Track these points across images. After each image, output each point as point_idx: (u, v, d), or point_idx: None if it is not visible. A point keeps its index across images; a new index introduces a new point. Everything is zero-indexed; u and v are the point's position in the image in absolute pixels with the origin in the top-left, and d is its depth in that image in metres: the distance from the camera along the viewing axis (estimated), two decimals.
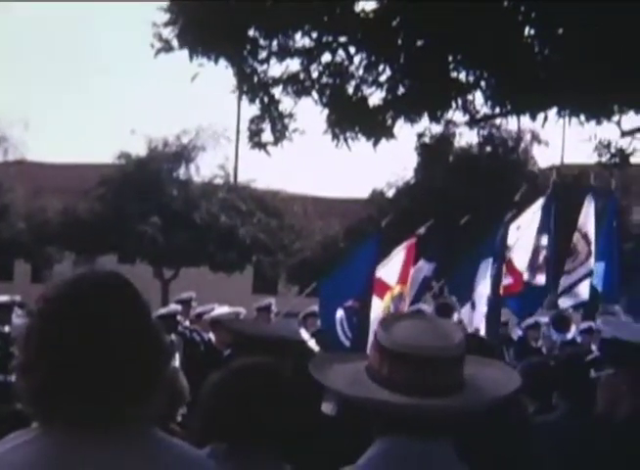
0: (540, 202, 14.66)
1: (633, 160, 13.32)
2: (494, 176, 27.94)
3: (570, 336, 13.44)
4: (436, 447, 2.49)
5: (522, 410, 4.22)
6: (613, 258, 15.05)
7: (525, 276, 13.95)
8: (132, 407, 2.17)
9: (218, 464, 2.94)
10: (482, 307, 12.54)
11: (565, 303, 14.28)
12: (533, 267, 14.19)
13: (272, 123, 11.51)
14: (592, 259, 14.65)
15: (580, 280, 14.57)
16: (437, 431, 2.50)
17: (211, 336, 12.47)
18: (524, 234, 14.01)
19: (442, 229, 14.75)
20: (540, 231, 14.34)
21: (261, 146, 11.85)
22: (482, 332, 11.99)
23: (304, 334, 11.58)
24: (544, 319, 13.97)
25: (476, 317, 12.42)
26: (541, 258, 14.32)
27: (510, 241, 13.34)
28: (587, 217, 15.30)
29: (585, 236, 15.05)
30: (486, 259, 12.79)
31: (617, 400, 3.93)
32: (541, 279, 14.20)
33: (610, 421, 4.06)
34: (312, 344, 10.89)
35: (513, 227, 13.71)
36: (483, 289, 12.80)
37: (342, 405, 4.98)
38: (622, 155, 12.72)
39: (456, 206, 25.70)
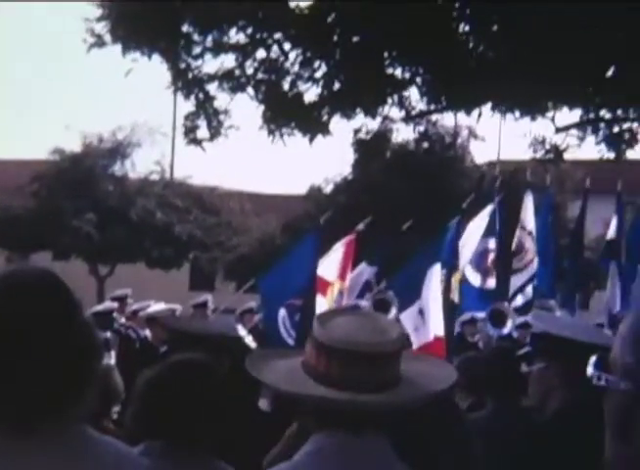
0: (489, 208, 14.77)
1: (567, 156, 13.45)
2: (432, 172, 28.09)
3: (506, 331, 13.51)
4: (372, 443, 2.50)
5: (455, 408, 4.23)
6: (548, 253, 15.20)
7: (478, 281, 14.08)
8: (57, 407, 2.13)
9: (153, 462, 2.92)
10: (437, 315, 12.65)
11: (519, 301, 14.39)
12: (483, 271, 14.31)
13: (207, 120, 11.47)
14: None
15: (532, 279, 14.73)
16: (374, 426, 2.50)
17: (147, 333, 12.37)
18: (470, 240, 14.12)
19: (383, 230, 14.77)
20: (487, 234, 14.44)
21: (197, 142, 11.80)
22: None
23: (241, 330, 11.57)
24: (481, 315, 14.04)
25: (432, 326, 12.44)
26: (489, 261, 14.44)
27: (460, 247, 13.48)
28: (528, 214, 15.43)
29: (530, 233, 15.19)
30: (433, 266, 12.83)
31: (549, 394, 3.95)
32: (491, 283, 14.32)
33: (541, 414, 4.09)
34: (249, 340, 10.89)
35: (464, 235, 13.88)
36: (432, 296, 12.87)
37: (277, 402, 4.98)
38: (557, 151, 12.85)
39: (395, 202, 25.82)
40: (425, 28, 10.02)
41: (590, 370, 1.43)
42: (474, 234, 14.38)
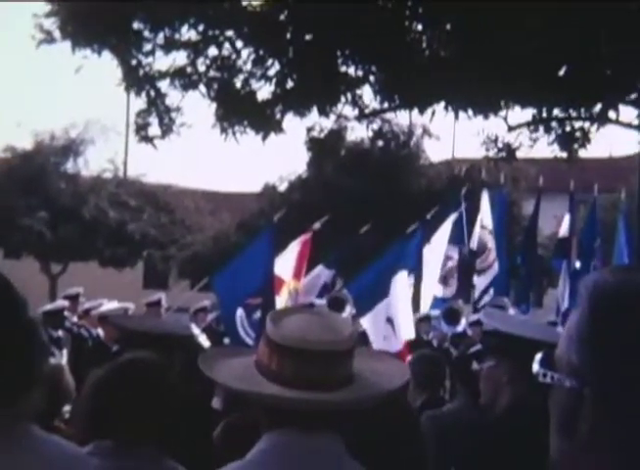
0: (453, 216, 14.84)
1: (521, 154, 13.54)
2: (387, 171, 28.13)
3: (460, 328, 13.57)
4: (325, 442, 2.48)
5: (407, 406, 4.24)
6: (501, 251, 15.29)
7: (440, 291, 14.16)
8: (2, 406, 2.10)
9: (102, 461, 2.90)
10: (407, 321, 12.72)
11: (485, 301, 14.45)
12: (442, 280, 14.39)
13: (159, 117, 11.39)
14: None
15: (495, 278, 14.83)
16: (326, 425, 2.48)
17: (100, 332, 12.29)
18: (436, 250, 14.22)
19: (340, 229, 14.76)
20: (450, 242, 14.51)
21: (148, 140, 11.72)
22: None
23: (195, 329, 11.52)
24: (435, 312, 14.09)
25: (403, 333, 12.49)
26: (448, 268, 14.52)
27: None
28: (486, 212, 15.52)
29: (491, 233, 15.27)
30: (398, 273, 12.86)
31: (499, 391, 3.95)
32: (450, 291, 14.41)
33: (492, 411, 4.10)
34: (203, 339, 10.84)
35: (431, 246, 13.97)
36: (401, 304, 12.91)
37: (230, 401, 4.95)
38: (509, 149, 12.92)
39: (350, 200, 25.84)
40: (378, 27, 10.02)
41: (536, 367, 1.43)
42: (440, 245, 14.48)
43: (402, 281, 12.87)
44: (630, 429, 1.31)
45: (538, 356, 1.44)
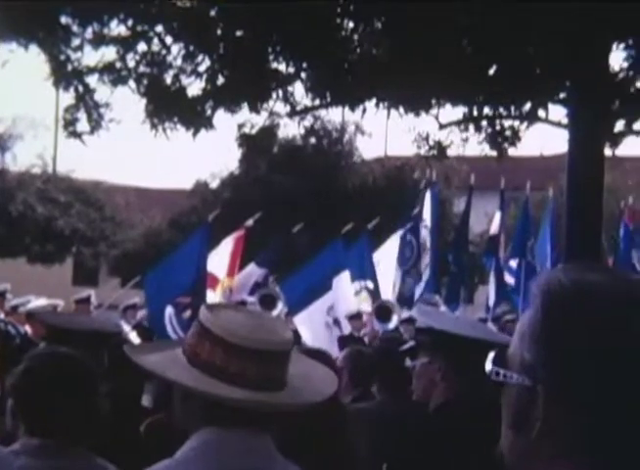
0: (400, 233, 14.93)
1: (453, 152, 13.60)
2: (319, 168, 28.18)
3: (391, 325, 13.59)
4: (257, 441, 2.45)
5: (340, 407, 4.21)
6: (433, 248, 15.37)
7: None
8: None
9: (29, 460, 2.89)
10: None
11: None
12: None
13: (87, 113, 11.25)
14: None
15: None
16: (260, 424, 2.45)
17: (27, 329, 12.09)
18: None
19: (272, 227, 14.73)
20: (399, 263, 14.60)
21: (77, 135, 11.57)
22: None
23: (125, 326, 11.39)
24: (367, 309, 14.11)
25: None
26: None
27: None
28: (429, 212, 15.61)
29: (429, 230, 15.37)
30: (339, 275, 12.88)
31: (432, 388, 3.92)
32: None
33: (424, 408, 4.06)
34: (133, 336, 10.72)
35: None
36: (347, 305, 12.95)
37: (160, 398, 4.90)
38: (440, 147, 12.98)
39: (283, 197, 25.84)
40: (309, 24, 10.00)
41: (489, 366, 1.44)
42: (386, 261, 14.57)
43: (345, 283, 12.91)
44: (582, 425, 1.33)
45: (491, 355, 1.45)
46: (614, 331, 1.33)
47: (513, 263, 15.33)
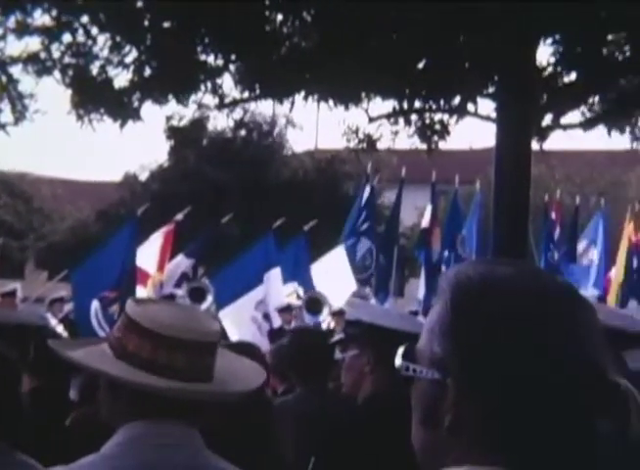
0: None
1: (383, 145, 13.63)
2: (250, 160, 28.12)
3: (322, 318, 13.61)
4: (184, 435, 2.43)
5: (265, 401, 4.19)
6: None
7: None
8: None
9: None
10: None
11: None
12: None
13: (11, 103, 11.06)
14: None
15: None
16: (186, 418, 2.43)
17: None
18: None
19: (202, 219, 14.65)
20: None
21: (0, 127, 11.36)
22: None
23: (51, 319, 11.23)
24: (297, 302, 14.10)
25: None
26: None
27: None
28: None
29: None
30: (270, 270, 12.84)
31: (361, 381, 3.90)
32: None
33: (349, 401, 4.09)
34: (60, 330, 10.57)
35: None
36: (279, 300, 12.93)
37: (86, 391, 4.83)
38: (370, 140, 12.99)
39: (213, 190, 25.73)
40: (237, 16, 9.93)
41: (398, 361, 1.44)
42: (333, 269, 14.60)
43: (276, 278, 12.90)
44: (491, 417, 1.33)
45: (400, 350, 1.46)
46: (520, 325, 1.34)
47: (444, 256, 15.45)
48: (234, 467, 2.55)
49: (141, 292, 11.83)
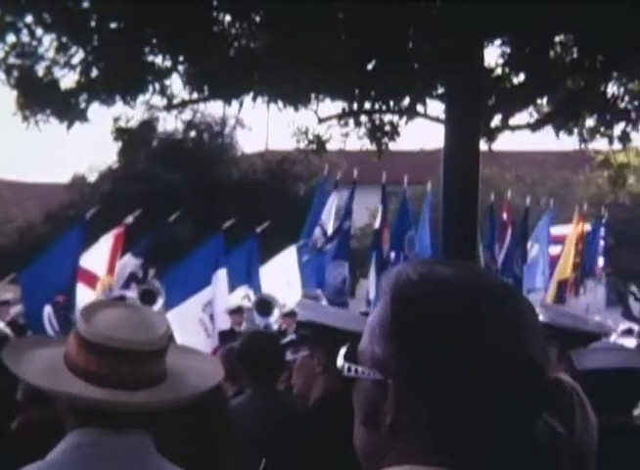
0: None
1: (334, 146, 13.64)
2: (200, 162, 28.04)
3: (272, 319, 13.61)
4: (132, 442, 2.41)
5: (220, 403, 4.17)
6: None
7: None
8: None
9: None
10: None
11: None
12: None
13: None
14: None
15: None
16: (135, 424, 2.42)
17: None
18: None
19: (152, 221, 14.57)
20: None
21: None
22: None
23: None
24: (248, 304, 14.08)
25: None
26: None
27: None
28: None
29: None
30: (217, 271, 12.81)
31: (312, 382, 3.99)
32: None
33: (305, 402, 4.13)
34: (7, 333, 10.47)
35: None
36: (225, 302, 12.91)
37: (29, 393, 4.79)
38: (319, 141, 12.97)
39: (163, 191, 25.60)
40: (185, 17, 9.88)
41: (340, 361, 1.48)
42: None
43: (223, 278, 12.88)
44: (431, 417, 1.35)
45: (342, 351, 1.48)
46: (457, 325, 1.35)
47: (392, 256, 15.49)
48: None
49: (90, 295, 11.74)
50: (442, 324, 1.35)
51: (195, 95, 11.63)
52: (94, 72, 10.74)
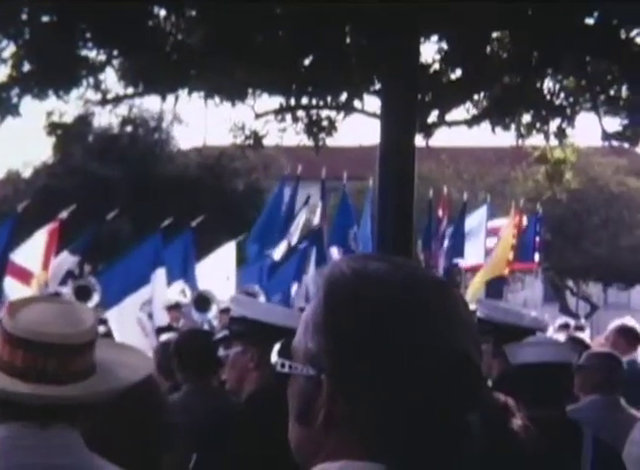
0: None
1: (272, 142, 13.62)
2: (136, 157, 27.87)
3: (211, 315, 13.58)
4: (58, 436, 2.39)
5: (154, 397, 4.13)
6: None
7: None
8: None
9: None
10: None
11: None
12: None
13: None
14: None
15: None
16: (62, 418, 2.39)
17: None
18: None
19: (88, 217, 14.45)
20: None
21: None
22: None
23: None
24: (185, 300, 14.03)
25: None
26: None
27: None
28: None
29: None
30: (156, 270, 12.74)
31: (245, 377, 4.00)
32: None
33: (237, 397, 4.18)
34: None
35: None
36: (162, 300, 12.84)
37: None
38: (256, 137, 12.93)
39: (99, 186, 25.41)
40: (119, 11, 9.78)
41: (274, 357, 1.48)
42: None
43: (162, 277, 12.83)
44: (365, 411, 1.35)
45: (276, 347, 1.49)
46: (389, 320, 1.36)
47: (334, 252, 15.48)
48: (117, 468, 2.51)
49: (25, 291, 11.61)
50: (373, 320, 1.36)
51: (130, 90, 11.54)
52: (26, 66, 10.60)
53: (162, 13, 10.81)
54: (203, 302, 13.78)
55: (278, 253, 14.97)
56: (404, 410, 1.35)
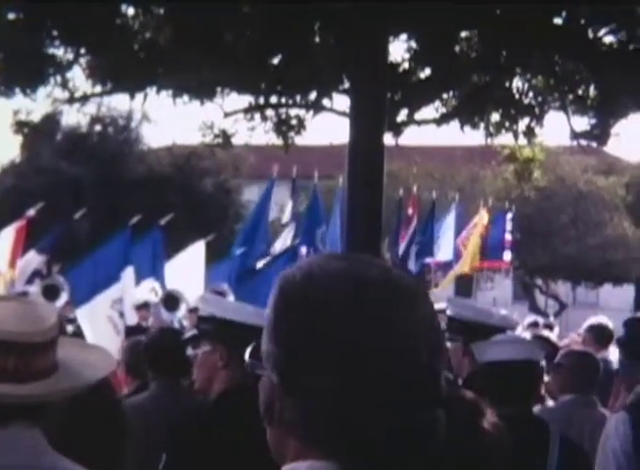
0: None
1: (241, 141, 13.59)
2: (105, 156, 27.77)
3: (179, 315, 13.56)
4: (19, 435, 2.38)
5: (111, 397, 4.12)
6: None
7: None
8: None
9: None
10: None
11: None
12: None
13: None
14: None
15: None
16: (23, 417, 2.38)
17: None
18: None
19: (55, 215, 14.38)
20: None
21: None
22: None
23: None
24: (154, 299, 13.98)
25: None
26: None
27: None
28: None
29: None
30: (125, 269, 12.71)
31: (214, 377, 4.01)
32: None
33: (206, 397, 4.19)
34: None
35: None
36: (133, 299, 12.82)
37: None
38: (225, 135, 12.90)
39: (67, 186, 25.30)
40: (87, 9, 9.72)
41: (246, 358, 1.53)
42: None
43: (131, 275, 12.81)
44: (313, 412, 1.37)
45: (249, 348, 1.53)
46: (334, 322, 1.36)
47: (303, 251, 15.49)
48: (80, 467, 2.50)
49: None
50: (320, 322, 1.37)
51: (98, 88, 11.47)
52: None
53: (130, 11, 10.76)
54: (171, 301, 13.74)
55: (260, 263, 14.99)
56: (352, 411, 1.35)
